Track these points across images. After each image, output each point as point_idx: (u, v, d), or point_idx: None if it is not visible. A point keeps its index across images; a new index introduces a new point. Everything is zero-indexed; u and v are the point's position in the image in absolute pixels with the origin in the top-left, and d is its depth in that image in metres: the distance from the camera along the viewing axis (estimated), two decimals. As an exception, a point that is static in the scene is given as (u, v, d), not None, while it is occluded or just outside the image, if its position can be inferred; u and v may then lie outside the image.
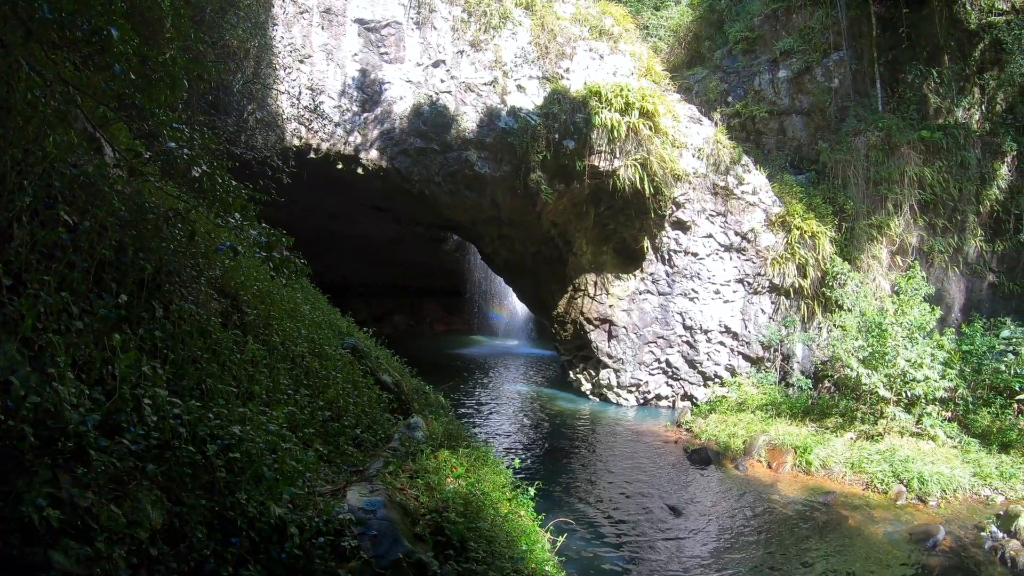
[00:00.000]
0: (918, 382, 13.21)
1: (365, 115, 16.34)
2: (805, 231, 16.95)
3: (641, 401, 18.61)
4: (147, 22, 6.92)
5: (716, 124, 18.43)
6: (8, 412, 1.97)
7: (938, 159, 17.59)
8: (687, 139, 17.14)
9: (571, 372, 19.95)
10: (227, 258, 4.96)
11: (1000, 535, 9.91)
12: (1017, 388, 13.41)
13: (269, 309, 5.21)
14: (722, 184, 17.19)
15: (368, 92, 16.27)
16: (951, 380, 13.61)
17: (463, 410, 16.84)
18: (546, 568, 5.17)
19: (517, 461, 6.66)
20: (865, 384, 13.44)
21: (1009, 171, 17.74)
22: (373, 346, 9.48)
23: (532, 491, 6.00)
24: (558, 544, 6.72)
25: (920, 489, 11.49)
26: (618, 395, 18.62)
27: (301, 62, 15.52)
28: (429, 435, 5.79)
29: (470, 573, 3.67)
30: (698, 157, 17.19)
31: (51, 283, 2.65)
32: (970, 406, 14.01)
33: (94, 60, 4.30)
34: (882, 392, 13.30)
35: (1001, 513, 10.51)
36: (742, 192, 17.24)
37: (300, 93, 15.47)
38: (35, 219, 2.84)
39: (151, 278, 3.56)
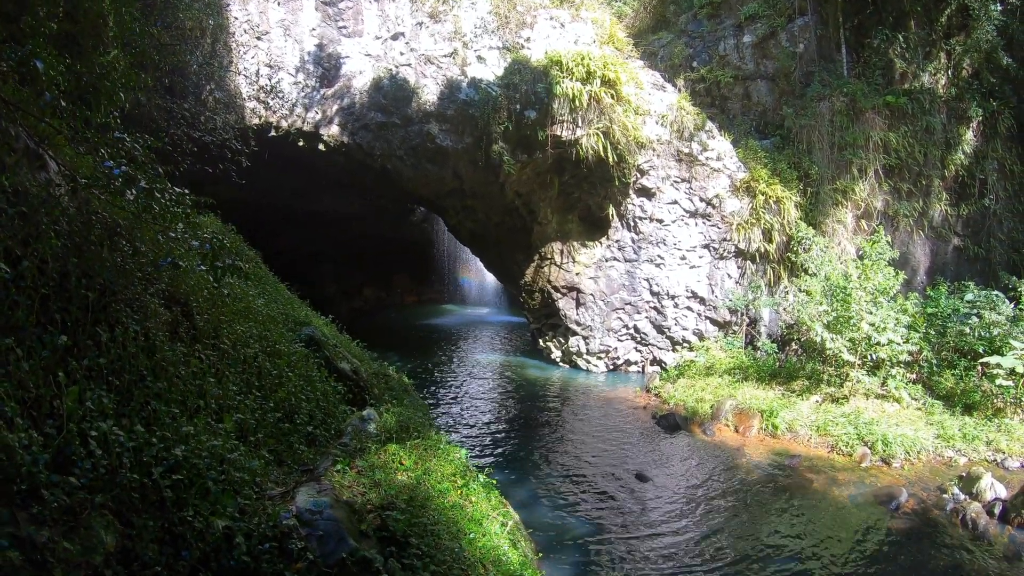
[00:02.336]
0: (882, 346, 13.54)
1: (324, 91, 16.36)
2: (770, 196, 17.31)
3: (611, 367, 19.11)
4: (89, 20, 6.95)
5: (680, 90, 18.63)
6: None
7: (903, 124, 17.91)
8: (651, 106, 17.33)
9: (541, 340, 20.38)
10: (180, 252, 5.17)
11: (962, 497, 10.12)
12: (980, 351, 13.67)
13: (219, 313, 5.46)
14: (686, 151, 17.46)
15: (326, 67, 16.27)
16: (915, 343, 13.94)
17: (432, 384, 17.19)
18: (500, 551, 5.56)
19: (464, 452, 6.96)
20: (829, 348, 13.78)
21: (974, 136, 18.19)
22: (333, 332, 9.73)
23: (483, 477, 6.33)
24: (510, 524, 7.13)
25: (884, 451, 11.79)
26: (588, 362, 19.09)
27: (259, 39, 15.45)
28: (382, 427, 6.11)
29: (411, 568, 4.03)
30: (662, 124, 17.41)
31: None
32: (934, 368, 14.29)
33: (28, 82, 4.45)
34: (846, 356, 13.65)
35: (963, 475, 10.75)
36: (707, 158, 17.54)
37: (258, 71, 15.42)
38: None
39: (96, 302, 3.82)
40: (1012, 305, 14.32)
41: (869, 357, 13.93)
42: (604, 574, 8.20)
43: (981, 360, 13.42)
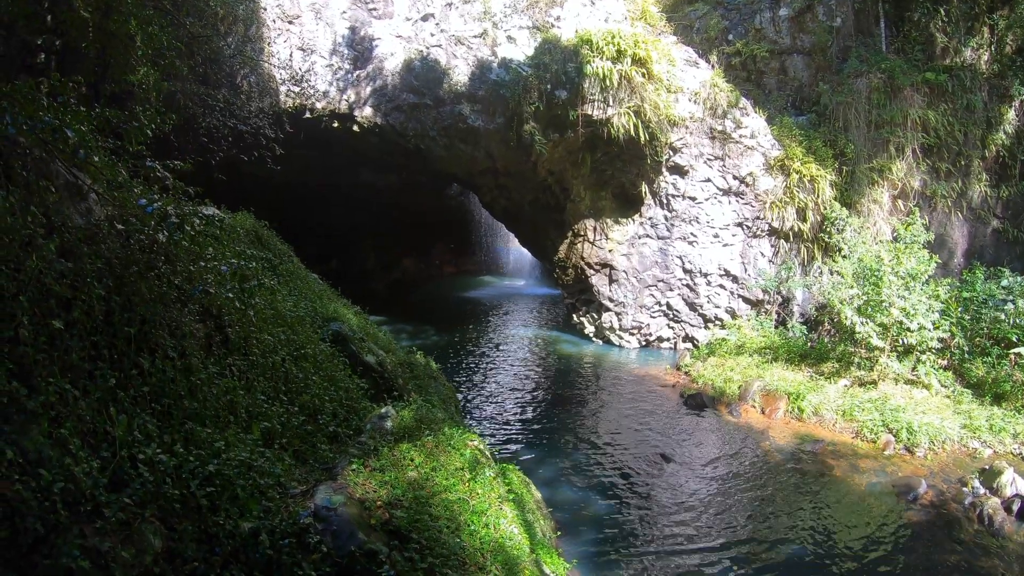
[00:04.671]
0: (912, 331, 13.57)
1: (357, 72, 17.01)
2: (804, 175, 17.48)
3: (643, 343, 19.70)
4: (118, 41, 7.63)
5: (713, 67, 18.76)
6: (42, 492, 3.03)
7: (943, 102, 17.81)
8: (683, 83, 17.55)
9: (575, 315, 21.03)
10: (210, 278, 5.93)
11: (982, 491, 10.15)
12: (1014, 339, 13.59)
13: (249, 324, 6.22)
14: (720, 128, 17.69)
15: (359, 49, 16.89)
16: (946, 330, 13.91)
17: (466, 360, 18.00)
18: (502, 541, 6.27)
19: (480, 441, 7.65)
20: (859, 333, 13.87)
21: (1017, 116, 17.92)
22: (362, 323, 10.48)
23: (495, 466, 7.03)
24: (528, 502, 7.84)
25: (908, 439, 11.90)
26: (620, 337, 19.70)
27: (290, 23, 16.11)
28: (398, 423, 6.85)
29: (410, 560, 4.77)
30: (695, 101, 17.63)
31: (56, 371, 3.69)
32: (966, 355, 14.25)
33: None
34: (875, 341, 13.74)
35: (986, 468, 10.74)
36: (740, 136, 17.74)
37: (291, 55, 16.10)
38: (35, 313, 3.84)
39: (137, 332, 4.59)
40: None
41: (900, 342, 13.95)
42: (620, 551, 8.72)
43: (1014, 350, 13.34)
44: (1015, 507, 9.60)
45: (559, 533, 8.94)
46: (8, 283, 3.64)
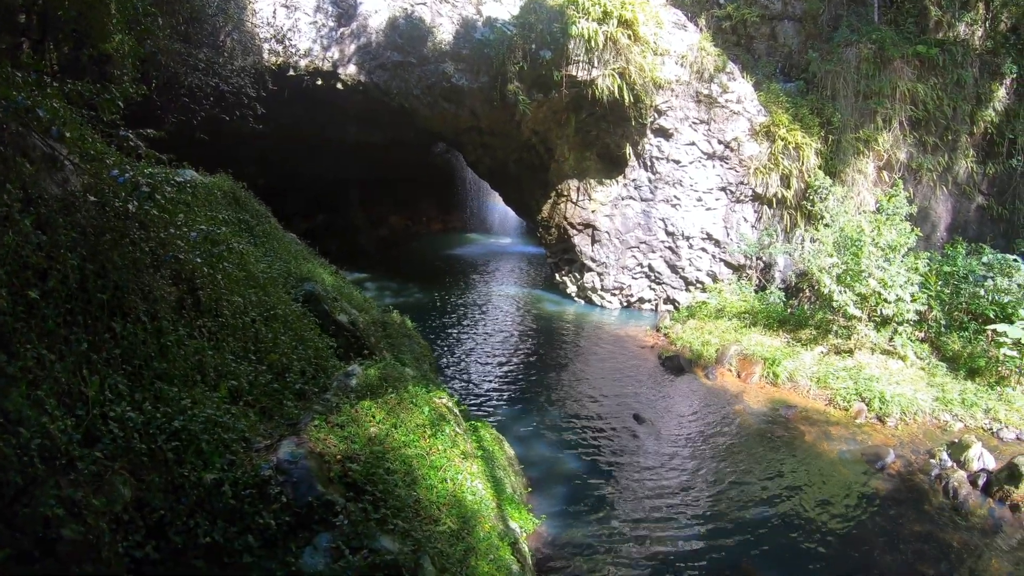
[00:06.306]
0: (889, 303, 13.87)
1: (341, 30, 17.13)
2: (790, 142, 17.77)
3: (624, 304, 20.20)
4: (94, 8, 7.84)
5: (701, 30, 18.89)
6: (21, 448, 3.51)
7: (933, 76, 18.03)
8: (670, 46, 17.69)
9: (557, 274, 21.45)
10: (181, 244, 6.33)
11: (949, 463, 10.44)
12: (992, 316, 13.82)
13: (220, 286, 6.66)
14: (706, 92, 17.91)
15: (343, 7, 16.99)
16: (923, 303, 14.22)
17: (448, 318, 18.47)
18: (467, 497, 6.78)
19: (449, 398, 8.13)
20: (836, 301, 14.18)
21: (1007, 94, 18.14)
22: (337, 283, 10.90)
23: (453, 429, 7.51)
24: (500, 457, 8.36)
25: (880, 409, 12.23)
26: (602, 298, 20.20)
27: (274, -22, 16.18)
28: (363, 381, 7.33)
29: (363, 511, 5.28)
30: (681, 65, 17.80)
31: (33, 338, 4.13)
32: (943, 329, 14.55)
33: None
34: (852, 310, 14.04)
35: (955, 441, 10.98)
36: (726, 100, 17.98)
37: (275, 12, 16.20)
38: (13, 284, 4.26)
39: (110, 299, 5.02)
40: None
41: (878, 312, 14.24)
42: (589, 508, 9.17)
43: (990, 326, 13.57)
44: (980, 481, 9.89)
45: (530, 490, 9.39)
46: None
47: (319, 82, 17.71)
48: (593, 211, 19.35)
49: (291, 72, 17.14)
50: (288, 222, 12.72)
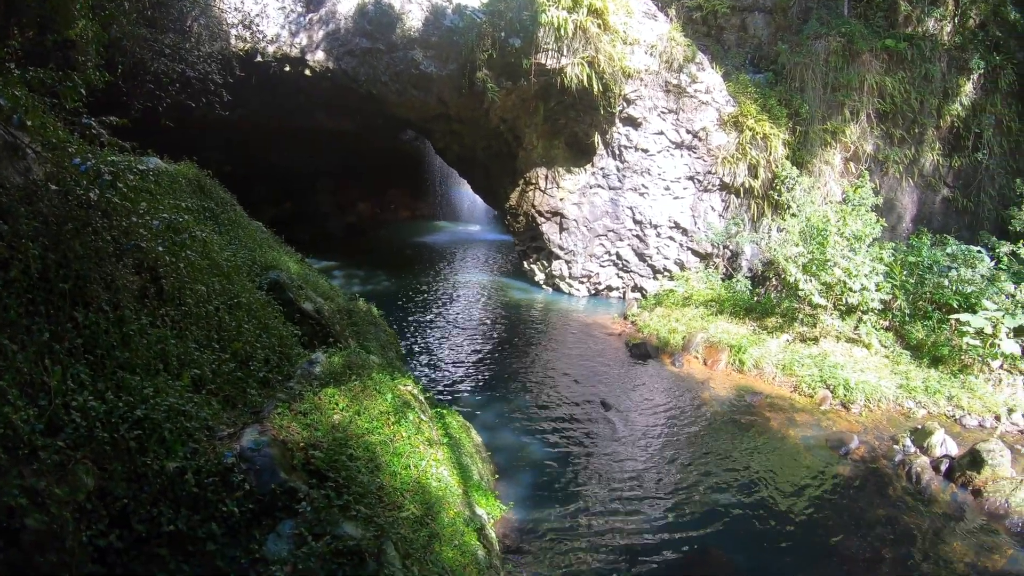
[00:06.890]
0: (854, 291, 14.17)
1: (310, 16, 17.05)
2: (758, 132, 18.03)
3: (592, 292, 20.44)
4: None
5: (671, 20, 19.04)
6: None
7: (901, 69, 18.39)
8: (640, 36, 17.84)
9: (525, 262, 21.63)
10: (144, 232, 6.35)
11: (912, 449, 10.65)
12: (955, 305, 14.06)
13: (184, 275, 6.69)
14: (675, 82, 18.10)
15: (312, -8, 16.88)
16: (888, 293, 14.52)
17: (415, 306, 18.52)
18: (432, 483, 6.91)
19: (414, 386, 8.23)
20: (802, 290, 14.46)
21: (974, 89, 18.57)
22: (303, 272, 10.90)
23: (417, 416, 7.62)
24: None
25: (845, 396, 12.45)
26: (570, 285, 20.41)
27: (243, -38, 16.01)
28: (327, 368, 7.41)
29: (326, 498, 5.39)
30: (651, 54, 17.96)
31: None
32: (907, 318, 14.76)
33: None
34: (817, 299, 14.32)
35: (918, 428, 11.21)
36: (695, 90, 18.18)
37: (244, -4, 16.06)
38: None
39: (72, 288, 5.05)
40: (992, 263, 14.78)
41: (843, 301, 14.53)
42: (556, 495, 9.30)
43: (954, 315, 13.77)
44: (943, 467, 10.12)
45: (498, 476, 9.49)
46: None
47: (287, 68, 17.60)
48: (561, 199, 19.50)
49: (259, 58, 17.03)
50: (255, 210, 12.64)
